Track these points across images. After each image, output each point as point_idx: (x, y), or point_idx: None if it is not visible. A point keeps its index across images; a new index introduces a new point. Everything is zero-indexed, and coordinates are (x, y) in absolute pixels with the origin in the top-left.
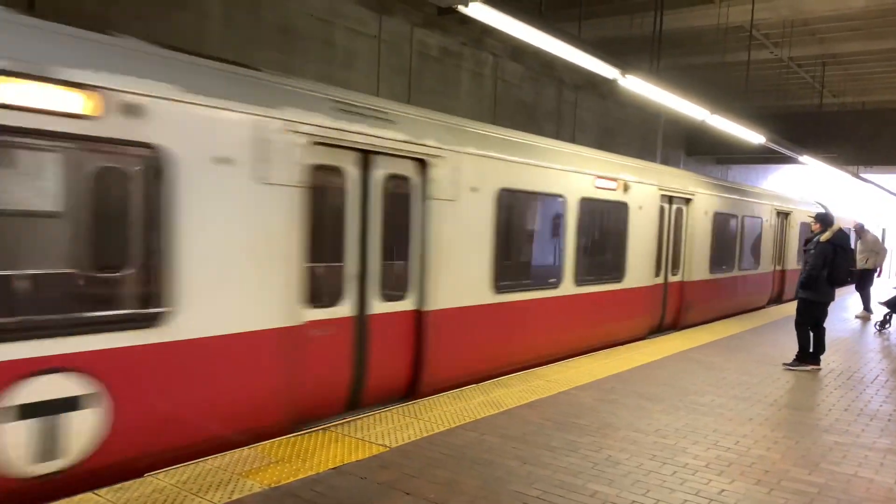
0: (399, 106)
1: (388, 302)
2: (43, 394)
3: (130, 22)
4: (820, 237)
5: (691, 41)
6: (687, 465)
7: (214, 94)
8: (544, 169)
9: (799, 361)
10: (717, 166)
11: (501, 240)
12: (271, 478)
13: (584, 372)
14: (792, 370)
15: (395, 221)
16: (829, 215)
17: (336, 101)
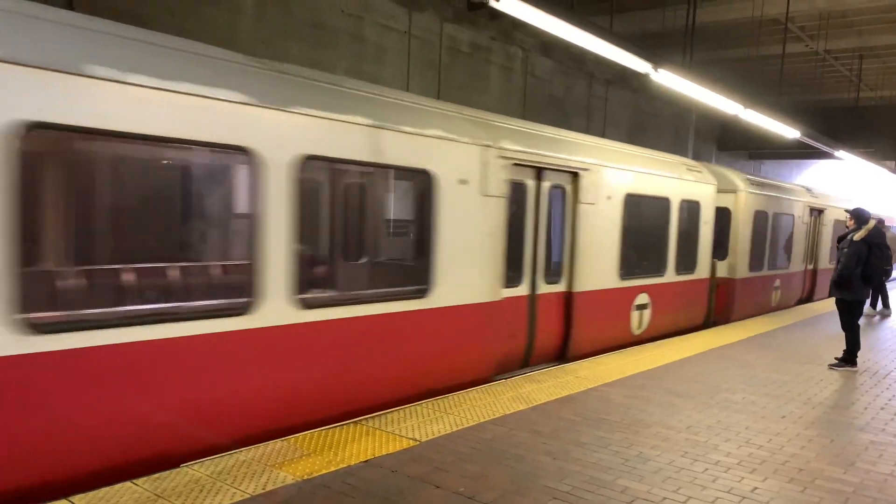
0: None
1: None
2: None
3: (162, 17)
4: (854, 235)
5: (725, 34)
6: (719, 462)
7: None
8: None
9: (844, 362)
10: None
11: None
12: (304, 470)
13: (613, 368)
14: (836, 370)
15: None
16: (865, 211)
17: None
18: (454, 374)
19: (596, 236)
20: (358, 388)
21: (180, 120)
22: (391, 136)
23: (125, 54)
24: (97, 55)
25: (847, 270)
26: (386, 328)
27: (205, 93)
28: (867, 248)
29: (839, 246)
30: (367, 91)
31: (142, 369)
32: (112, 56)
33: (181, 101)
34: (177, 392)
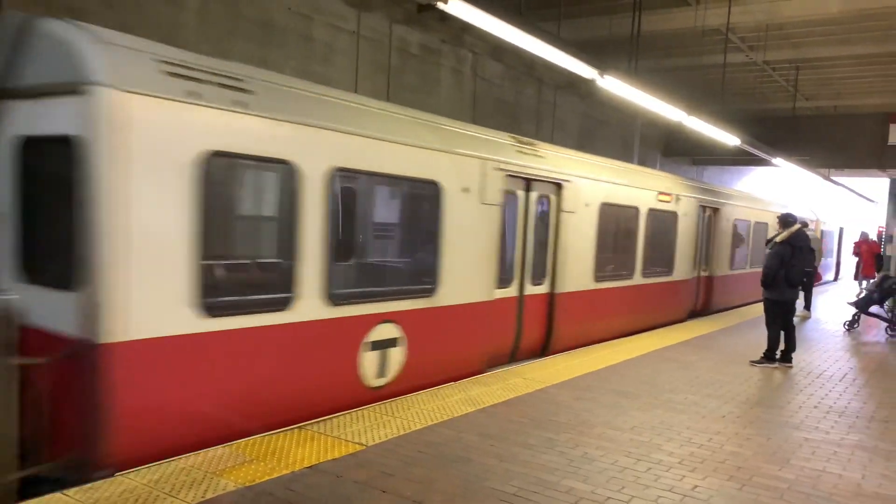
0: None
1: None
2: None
3: (102, 11)
4: (777, 237)
5: (669, 43)
6: (661, 461)
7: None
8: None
9: (766, 359)
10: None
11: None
12: (246, 476)
13: (561, 370)
14: (757, 366)
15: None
16: (791, 216)
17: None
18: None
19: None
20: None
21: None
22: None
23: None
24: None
25: (770, 271)
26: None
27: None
28: (790, 251)
29: (767, 248)
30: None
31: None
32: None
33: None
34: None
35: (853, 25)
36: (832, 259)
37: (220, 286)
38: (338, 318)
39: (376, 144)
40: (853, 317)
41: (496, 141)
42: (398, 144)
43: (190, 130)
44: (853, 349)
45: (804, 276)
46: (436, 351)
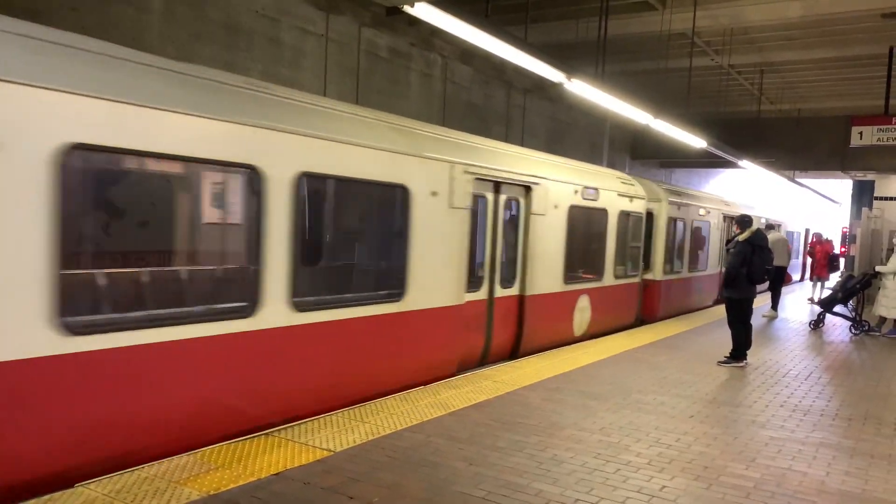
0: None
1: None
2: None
3: (62, 13)
4: (738, 237)
5: (635, 47)
6: (630, 462)
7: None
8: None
9: (732, 358)
10: (661, 170)
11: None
12: (210, 485)
13: (531, 372)
14: (725, 366)
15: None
16: (748, 217)
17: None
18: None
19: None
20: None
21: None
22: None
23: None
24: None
25: (734, 269)
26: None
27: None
28: (751, 250)
29: (727, 248)
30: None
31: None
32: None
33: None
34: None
35: (814, 30)
36: (798, 260)
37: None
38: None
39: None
40: (818, 316)
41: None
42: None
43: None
44: (818, 348)
45: (765, 274)
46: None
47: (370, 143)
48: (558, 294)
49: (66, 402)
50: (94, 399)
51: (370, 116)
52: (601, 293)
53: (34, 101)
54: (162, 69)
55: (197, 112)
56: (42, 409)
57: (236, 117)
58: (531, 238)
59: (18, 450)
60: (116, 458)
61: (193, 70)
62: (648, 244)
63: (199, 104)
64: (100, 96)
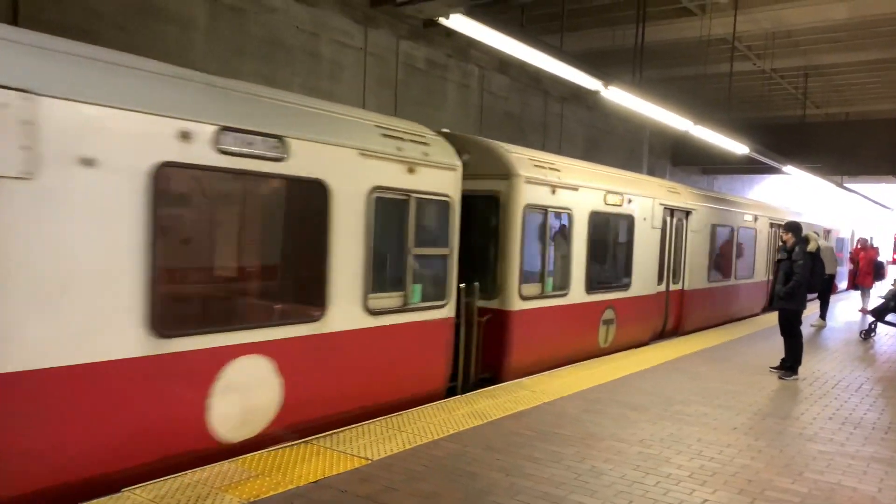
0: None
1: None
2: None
3: (111, 32)
4: (806, 248)
5: (674, 53)
6: (670, 475)
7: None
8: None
9: (791, 371)
10: (703, 176)
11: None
12: (250, 492)
13: (569, 382)
14: (785, 379)
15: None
16: (798, 224)
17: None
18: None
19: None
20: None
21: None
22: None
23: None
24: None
25: (804, 281)
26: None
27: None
28: (812, 260)
29: (780, 259)
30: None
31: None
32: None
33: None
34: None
35: (861, 31)
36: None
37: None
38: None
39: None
40: (869, 326)
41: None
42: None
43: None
44: (869, 358)
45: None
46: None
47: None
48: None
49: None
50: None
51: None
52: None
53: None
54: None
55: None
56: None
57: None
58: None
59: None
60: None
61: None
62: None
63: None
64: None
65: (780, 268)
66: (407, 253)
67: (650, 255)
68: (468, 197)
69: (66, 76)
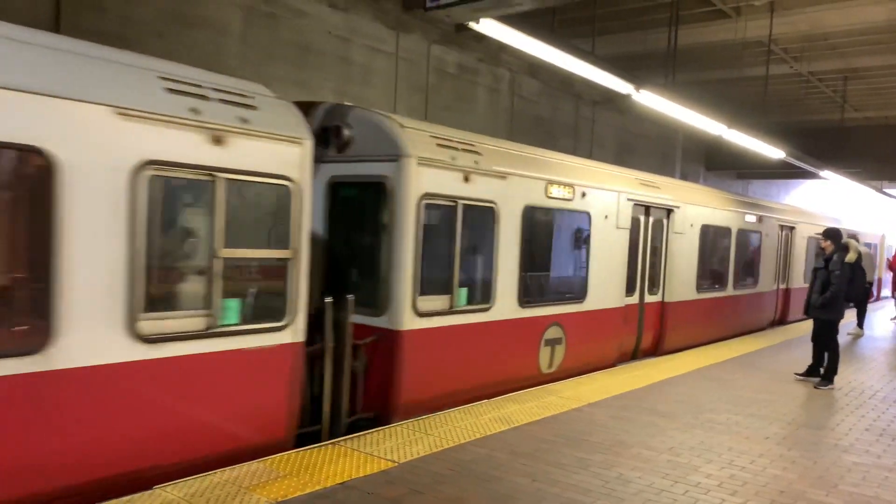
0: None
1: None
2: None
3: (149, 40)
4: (844, 258)
5: (708, 56)
6: (699, 484)
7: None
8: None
9: (828, 381)
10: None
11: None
12: (278, 492)
13: (597, 388)
14: (821, 388)
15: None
16: (838, 231)
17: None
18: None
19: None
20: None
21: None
22: None
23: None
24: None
25: (841, 292)
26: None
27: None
28: (852, 270)
29: (819, 267)
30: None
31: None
32: None
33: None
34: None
35: None
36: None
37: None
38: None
39: None
40: None
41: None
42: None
43: None
44: None
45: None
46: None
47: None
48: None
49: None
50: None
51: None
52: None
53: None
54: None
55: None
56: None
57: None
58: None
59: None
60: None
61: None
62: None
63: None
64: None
65: (816, 276)
66: (213, 256)
67: (614, 260)
68: (348, 185)
69: None
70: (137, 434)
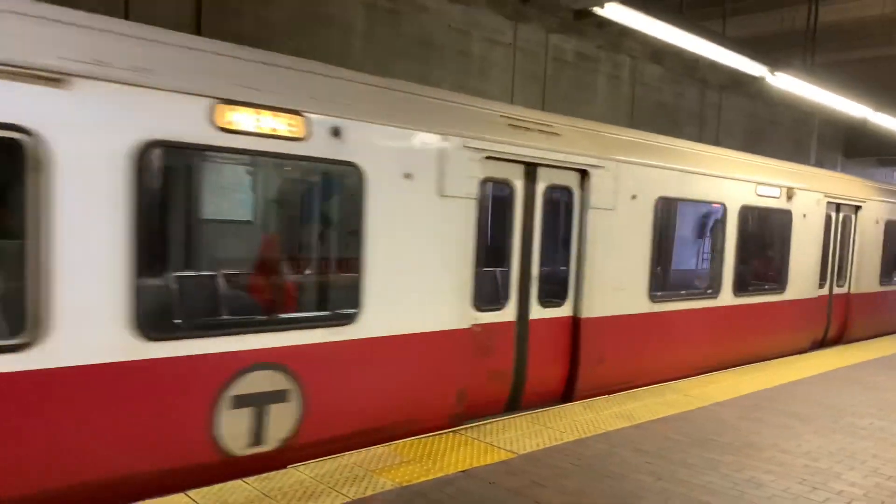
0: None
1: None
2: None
3: (281, 40)
4: None
5: (852, 34)
6: (842, 492)
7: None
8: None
9: None
10: (881, 168)
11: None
12: (403, 476)
13: (725, 388)
14: None
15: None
16: None
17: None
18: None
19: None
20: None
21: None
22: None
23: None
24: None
25: None
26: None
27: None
28: None
29: None
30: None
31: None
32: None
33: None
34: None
35: None
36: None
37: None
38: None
39: None
40: None
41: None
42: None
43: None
44: None
45: None
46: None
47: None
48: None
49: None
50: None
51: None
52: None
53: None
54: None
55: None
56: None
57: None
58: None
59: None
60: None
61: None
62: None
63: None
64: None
65: None
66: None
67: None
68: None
69: None
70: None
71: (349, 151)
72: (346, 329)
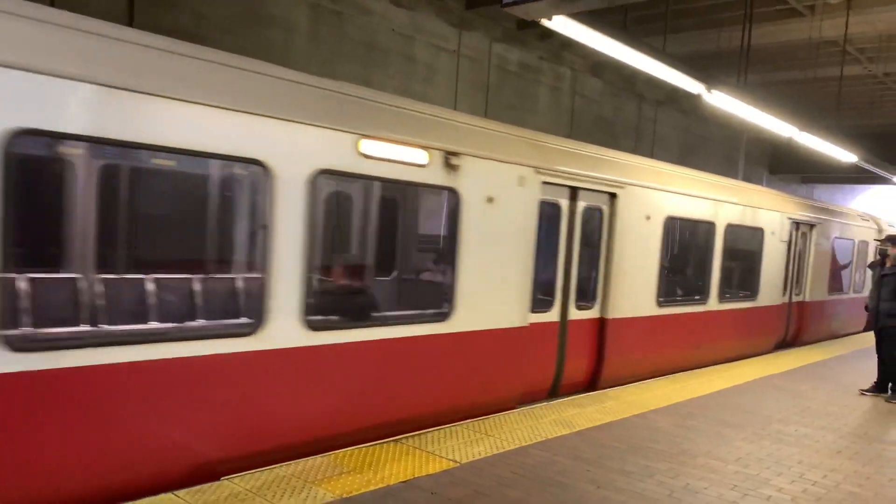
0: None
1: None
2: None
3: (222, 37)
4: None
5: (781, 56)
6: (770, 497)
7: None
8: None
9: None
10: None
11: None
12: (343, 488)
13: (659, 395)
14: (893, 403)
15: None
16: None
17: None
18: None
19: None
20: None
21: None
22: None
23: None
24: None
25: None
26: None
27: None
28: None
29: (884, 274)
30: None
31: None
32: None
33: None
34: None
35: None
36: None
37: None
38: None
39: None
40: None
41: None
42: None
43: None
44: None
45: None
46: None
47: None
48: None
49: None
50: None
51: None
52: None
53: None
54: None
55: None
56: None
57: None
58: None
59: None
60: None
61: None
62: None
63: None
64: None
65: (883, 283)
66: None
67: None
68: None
69: None
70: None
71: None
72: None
